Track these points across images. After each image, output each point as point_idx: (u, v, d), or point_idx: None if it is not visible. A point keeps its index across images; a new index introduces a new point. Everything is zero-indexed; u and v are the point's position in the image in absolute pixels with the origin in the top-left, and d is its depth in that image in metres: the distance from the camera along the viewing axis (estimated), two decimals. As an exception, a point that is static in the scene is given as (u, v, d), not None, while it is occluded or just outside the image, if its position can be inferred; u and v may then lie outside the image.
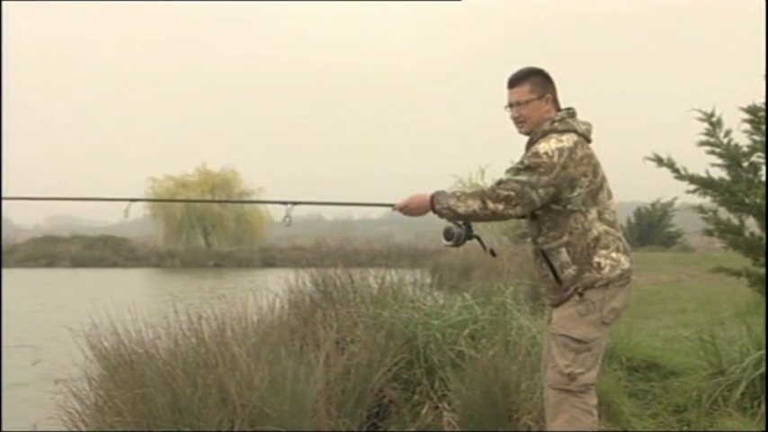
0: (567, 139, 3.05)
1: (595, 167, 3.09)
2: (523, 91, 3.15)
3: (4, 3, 19.08)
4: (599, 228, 3.07)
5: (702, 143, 8.83)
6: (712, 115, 8.75)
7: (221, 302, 4.58)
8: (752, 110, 8.60)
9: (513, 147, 3.34)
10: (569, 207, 3.04)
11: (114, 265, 35.75)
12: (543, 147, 3.03)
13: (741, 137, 8.83)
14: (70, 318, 4.39)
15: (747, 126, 8.68)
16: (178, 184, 41.77)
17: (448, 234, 3.17)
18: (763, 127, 8.54)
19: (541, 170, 2.98)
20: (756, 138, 8.70)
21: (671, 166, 8.84)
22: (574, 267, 3.05)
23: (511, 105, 3.18)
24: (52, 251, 37.35)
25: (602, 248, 3.06)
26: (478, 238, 3.20)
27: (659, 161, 8.75)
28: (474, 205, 2.99)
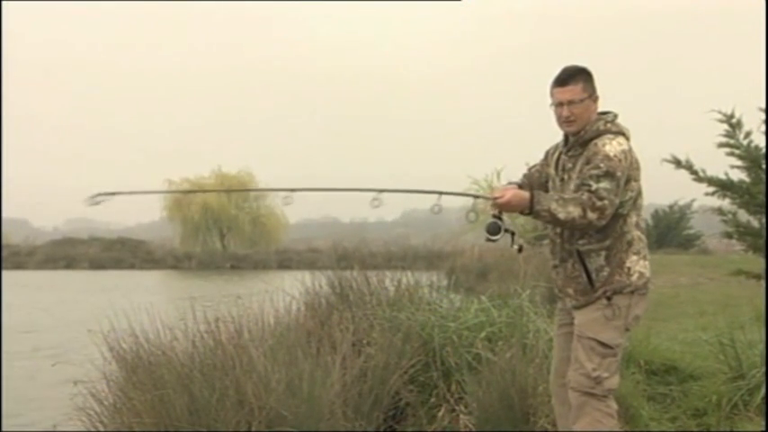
0: (625, 143, 3.07)
1: (640, 172, 3.10)
2: (577, 89, 3.11)
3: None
4: (634, 233, 3.10)
5: (722, 145, 8.73)
6: (732, 116, 8.65)
7: (238, 305, 4.59)
8: (772, 111, 8.49)
9: (527, 148, 3.33)
10: (619, 211, 3.04)
11: (132, 266, 35.98)
12: (611, 149, 3.01)
13: (761, 138, 8.74)
14: (89, 319, 4.42)
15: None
16: (194, 186, 41.97)
17: (495, 228, 3.04)
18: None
19: (618, 174, 2.98)
20: (776, 139, 8.59)
21: (689, 167, 8.74)
22: (607, 269, 3.07)
23: (561, 104, 3.12)
24: (71, 253, 37.67)
25: (634, 254, 3.09)
26: (513, 234, 3.15)
27: (677, 163, 8.66)
28: (574, 212, 2.94)
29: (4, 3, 16.25)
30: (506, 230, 3.07)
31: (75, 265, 36.09)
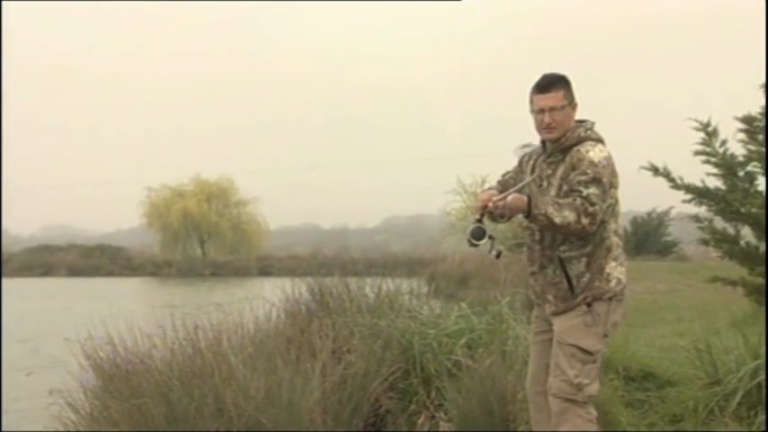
0: (606, 149, 3.11)
1: (618, 179, 3.14)
2: (558, 96, 3.13)
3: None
4: (613, 239, 3.14)
5: (698, 152, 8.85)
6: (708, 125, 8.78)
7: (218, 312, 4.57)
8: (747, 119, 8.63)
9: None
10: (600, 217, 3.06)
11: (111, 273, 35.65)
12: (595, 156, 3.05)
13: (736, 146, 8.87)
14: (66, 327, 4.38)
15: (743, 136, 8.71)
16: (174, 193, 41.76)
17: (479, 233, 3.01)
18: (759, 136, 8.57)
19: (604, 180, 3.02)
20: (752, 147, 8.72)
21: (666, 175, 8.86)
22: (587, 276, 3.09)
23: (542, 110, 3.14)
24: (49, 260, 37.27)
25: (613, 260, 3.13)
26: (493, 239, 3.14)
27: (655, 170, 8.77)
28: (570, 217, 2.94)
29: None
30: (490, 236, 3.07)
31: (52, 272, 35.70)
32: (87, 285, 26.61)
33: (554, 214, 2.94)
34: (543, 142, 3.24)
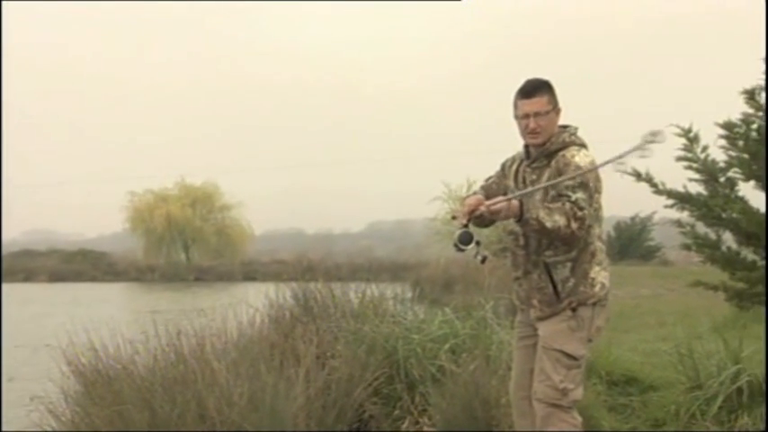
0: (590, 155, 3.12)
1: (602, 184, 3.15)
2: (543, 101, 3.14)
3: None
4: (597, 244, 3.15)
5: (680, 158, 8.94)
6: (690, 131, 8.88)
7: (201, 317, 4.55)
8: (727, 126, 8.74)
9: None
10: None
11: (93, 279, 35.34)
12: (581, 161, 3.06)
13: (717, 152, 8.97)
14: (48, 334, 4.34)
15: (723, 142, 8.81)
16: (158, 198, 41.52)
17: (467, 238, 2.98)
18: (740, 142, 8.67)
19: (591, 185, 3.03)
20: (732, 153, 8.83)
21: (649, 180, 8.95)
22: (572, 280, 3.10)
23: (527, 116, 3.14)
24: (30, 265, 36.85)
25: (597, 265, 3.14)
26: (479, 244, 3.13)
27: (638, 176, 8.84)
28: (560, 221, 2.94)
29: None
30: (477, 241, 3.04)
31: (33, 277, 35.33)
32: (69, 291, 26.35)
33: (545, 219, 2.94)
34: (527, 147, 3.25)
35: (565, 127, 3.21)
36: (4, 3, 22.26)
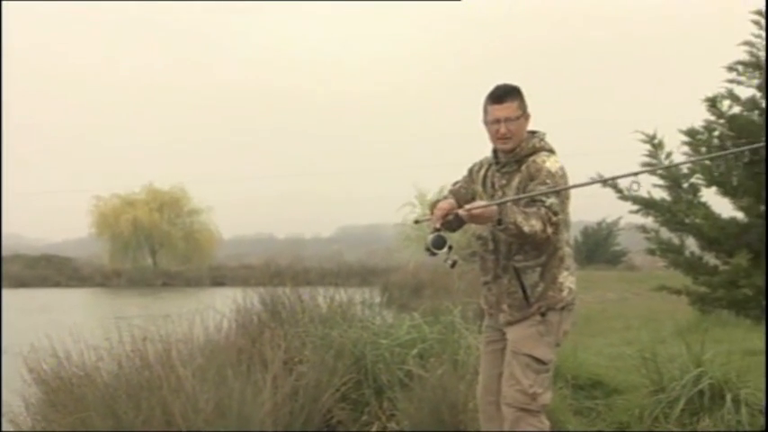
0: (560, 160, 3.16)
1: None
2: (513, 107, 3.16)
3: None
4: (565, 249, 3.18)
5: (645, 164, 9.08)
6: (654, 137, 9.03)
7: (167, 323, 4.50)
8: (690, 132, 8.90)
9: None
10: None
11: (57, 284, 34.70)
12: (551, 166, 3.09)
13: (681, 159, 9.13)
14: (8, 341, 4.26)
15: (687, 148, 8.98)
16: (125, 202, 40.97)
17: (440, 242, 2.98)
18: (702, 149, 8.84)
19: (563, 191, 3.06)
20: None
21: (614, 186, 9.06)
22: (541, 285, 3.13)
23: (498, 121, 3.16)
24: (-8, 270, 36.09)
25: (565, 270, 3.17)
26: (450, 248, 3.11)
27: (603, 182, 8.95)
28: (537, 226, 2.95)
29: None
30: (450, 246, 3.03)
31: (-5, 283, 34.58)
32: (33, 297, 25.85)
33: (523, 223, 2.95)
34: (495, 152, 3.27)
35: (533, 132, 3.25)
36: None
